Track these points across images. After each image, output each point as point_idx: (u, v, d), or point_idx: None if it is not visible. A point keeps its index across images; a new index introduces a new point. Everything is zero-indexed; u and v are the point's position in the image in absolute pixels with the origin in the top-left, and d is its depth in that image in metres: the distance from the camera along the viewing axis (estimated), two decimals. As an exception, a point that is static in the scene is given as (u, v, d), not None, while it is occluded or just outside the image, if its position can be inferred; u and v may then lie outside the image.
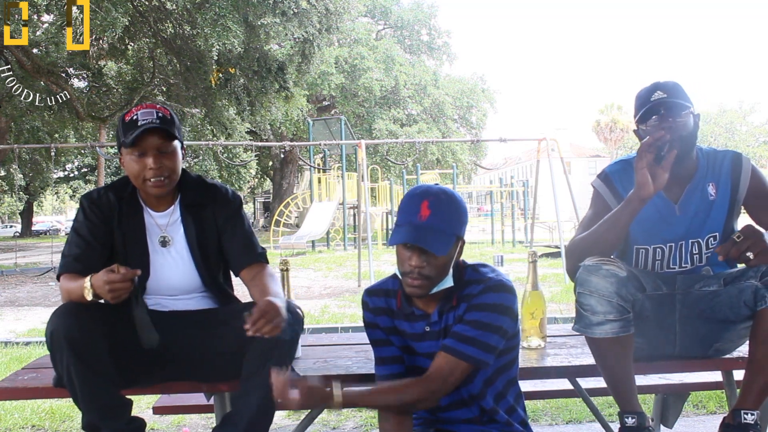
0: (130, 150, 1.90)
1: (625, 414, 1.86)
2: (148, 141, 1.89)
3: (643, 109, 1.99)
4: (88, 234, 1.93)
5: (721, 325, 1.96)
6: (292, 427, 2.83)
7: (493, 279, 1.63)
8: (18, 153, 15.03)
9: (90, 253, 1.92)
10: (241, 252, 2.01)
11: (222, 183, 2.14)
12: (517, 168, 60.25)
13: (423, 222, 1.56)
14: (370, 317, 1.77)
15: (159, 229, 2.00)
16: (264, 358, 1.77)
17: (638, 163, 1.85)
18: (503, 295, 1.61)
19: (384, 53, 28.52)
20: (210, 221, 2.02)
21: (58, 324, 1.71)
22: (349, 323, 6.04)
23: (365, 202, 9.80)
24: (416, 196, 1.60)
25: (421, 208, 1.57)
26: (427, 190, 1.61)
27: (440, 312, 1.67)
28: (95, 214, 1.95)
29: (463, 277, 1.67)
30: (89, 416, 1.76)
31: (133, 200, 2.00)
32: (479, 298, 1.62)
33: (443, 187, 1.63)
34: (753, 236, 1.69)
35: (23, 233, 38.41)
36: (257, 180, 41.01)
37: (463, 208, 1.62)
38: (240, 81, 14.79)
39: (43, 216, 55.66)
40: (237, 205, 2.06)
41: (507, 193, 24.01)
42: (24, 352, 4.81)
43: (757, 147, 51.40)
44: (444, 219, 1.58)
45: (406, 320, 1.72)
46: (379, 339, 1.76)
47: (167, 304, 2.00)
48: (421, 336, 1.70)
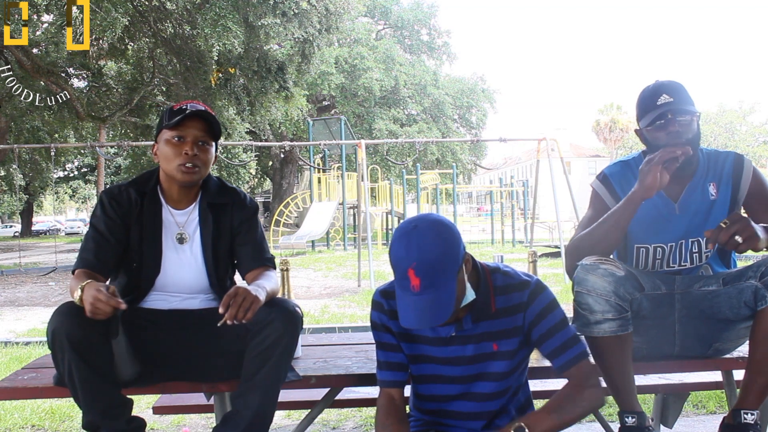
0: (172, 133, 1.94)
1: (625, 414, 1.86)
2: (190, 127, 1.95)
3: (649, 112, 1.99)
4: (105, 229, 1.95)
5: (721, 324, 1.96)
6: (292, 427, 2.84)
7: (533, 282, 1.66)
8: (18, 153, 15.03)
9: (106, 249, 1.94)
10: (250, 257, 2.04)
11: (241, 189, 2.17)
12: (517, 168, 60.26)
13: (417, 293, 1.45)
14: (383, 319, 1.71)
15: (177, 226, 2.02)
16: (263, 358, 1.77)
17: (654, 166, 1.86)
18: (547, 293, 1.67)
19: (384, 53, 28.52)
20: (227, 223, 2.05)
21: (60, 323, 1.71)
22: (349, 323, 6.05)
23: (365, 202, 9.80)
24: (401, 259, 1.47)
25: (410, 278, 1.45)
26: (407, 245, 1.46)
27: (475, 318, 1.64)
28: (114, 209, 1.97)
29: (494, 283, 1.65)
30: (89, 415, 1.77)
31: (154, 196, 2.02)
32: (534, 307, 1.63)
33: (426, 229, 1.48)
34: (740, 221, 1.70)
35: (23, 233, 38.40)
36: (257, 180, 41.01)
37: (451, 240, 1.48)
38: (240, 81, 14.79)
39: (43, 216, 55.68)
40: (253, 210, 2.10)
41: (507, 193, 24.02)
42: (24, 352, 4.81)
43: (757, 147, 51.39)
44: (437, 279, 1.45)
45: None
46: (388, 343, 1.72)
47: (172, 301, 2.00)
48: (445, 340, 1.67)
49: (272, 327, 1.76)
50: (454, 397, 1.70)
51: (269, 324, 1.77)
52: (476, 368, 1.67)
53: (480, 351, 1.66)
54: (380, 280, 9.37)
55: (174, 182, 2.01)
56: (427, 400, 1.74)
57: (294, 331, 1.83)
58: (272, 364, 1.77)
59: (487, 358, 1.66)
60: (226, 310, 1.65)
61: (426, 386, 1.73)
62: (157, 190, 2.04)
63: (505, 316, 1.64)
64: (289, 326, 1.80)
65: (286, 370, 1.83)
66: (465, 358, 1.67)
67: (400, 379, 1.72)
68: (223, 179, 2.17)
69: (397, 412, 1.68)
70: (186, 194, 2.04)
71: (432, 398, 1.73)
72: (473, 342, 1.66)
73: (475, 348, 1.66)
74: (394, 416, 1.67)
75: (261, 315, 1.75)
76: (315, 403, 2.18)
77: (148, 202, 2.00)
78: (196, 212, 2.05)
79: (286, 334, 1.78)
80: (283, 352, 1.79)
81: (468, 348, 1.66)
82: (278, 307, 1.82)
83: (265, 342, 1.75)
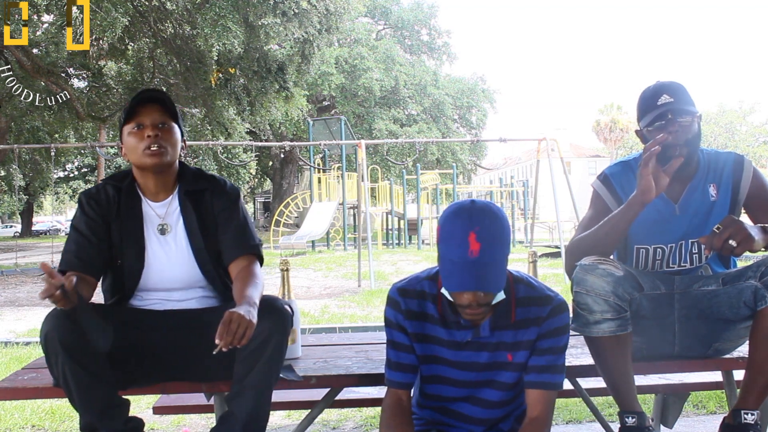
0: (130, 125, 1.92)
1: (625, 414, 1.86)
2: (145, 113, 1.92)
3: (649, 113, 1.99)
4: (87, 230, 1.93)
5: (721, 324, 1.96)
6: (292, 427, 2.84)
7: (556, 300, 1.63)
8: (18, 153, 15.03)
9: (88, 250, 1.92)
10: (231, 244, 1.97)
11: (221, 176, 2.13)
12: (517, 168, 60.24)
13: (476, 258, 1.42)
14: (399, 318, 1.68)
15: (158, 218, 1.99)
16: (253, 359, 1.75)
17: (643, 168, 1.85)
18: (566, 315, 1.65)
19: (384, 53, 28.53)
20: (209, 210, 2.00)
21: (52, 327, 1.70)
22: (349, 323, 6.04)
23: (365, 202, 9.80)
24: (459, 226, 1.45)
25: (470, 243, 1.43)
26: (470, 215, 1.46)
27: (493, 326, 1.62)
28: (93, 209, 1.95)
29: (517, 294, 1.63)
30: (86, 417, 1.76)
31: (131, 191, 2.00)
32: (549, 323, 1.62)
33: (483, 205, 1.49)
34: (733, 225, 1.70)
35: (23, 233, 38.43)
36: (257, 180, 41.03)
37: (507, 224, 1.50)
38: (240, 81, 14.80)
39: (43, 216, 55.68)
40: (234, 196, 2.04)
41: (507, 193, 24.03)
42: (24, 352, 4.81)
43: (757, 147, 51.35)
44: (496, 247, 1.45)
45: (444, 327, 1.66)
46: (401, 343, 1.69)
47: (167, 302, 1.98)
48: (459, 345, 1.65)
49: (260, 327, 1.73)
50: (459, 399, 1.70)
51: (257, 324, 1.73)
52: (487, 375, 1.67)
53: (494, 359, 1.65)
54: (380, 281, 9.37)
55: (147, 172, 1.96)
56: (432, 398, 1.74)
57: (283, 330, 1.80)
58: (263, 365, 1.75)
59: (500, 367, 1.65)
60: (222, 339, 1.60)
61: (433, 386, 1.72)
62: (134, 184, 2.01)
63: (523, 327, 1.63)
64: (278, 325, 1.78)
65: (278, 369, 1.81)
66: (479, 365, 1.66)
67: (409, 380, 1.70)
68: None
69: (404, 414, 1.67)
70: (163, 185, 2.00)
71: (437, 398, 1.73)
72: (489, 350, 1.64)
73: (490, 356, 1.65)
74: (400, 417, 1.66)
75: None
76: (315, 403, 2.17)
77: (126, 197, 1.98)
78: (176, 202, 2.01)
79: (275, 333, 1.76)
80: (274, 351, 1.76)
81: (482, 355, 1.65)
82: (266, 307, 1.79)
83: (253, 343, 1.72)
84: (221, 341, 1.60)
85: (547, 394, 1.62)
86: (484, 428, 1.70)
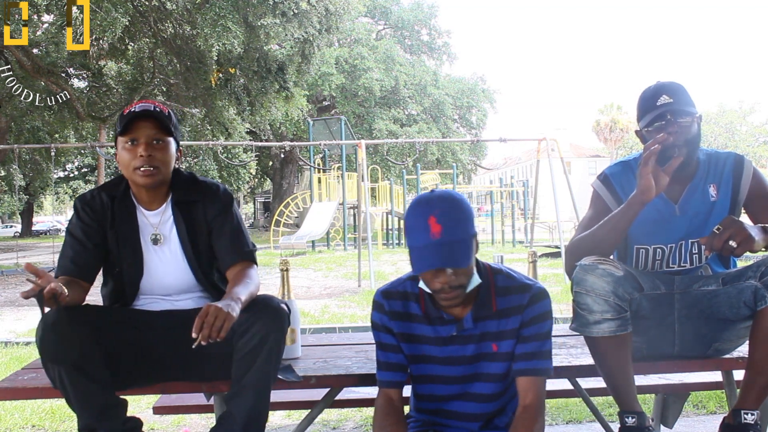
0: (124, 138, 1.91)
1: (625, 414, 1.86)
2: (140, 129, 1.90)
3: (648, 113, 1.99)
4: (82, 235, 1.94)
5: (721, 324, 1.96)
6: (292, 427, 2.84)
7: (535, 287, 1.66)
8: (18, 153, 15.02)
9: (84, 255, 1.93)
10: (227, 251, 1.99)
11: (215, 180, 2.12)
12: (517, 168, 60.23)
13: (438, 239, 1.49)
14: (384, 320, 1.72)
15: (152, 227, 2.00)
16: (250, 359, 1.75)
17: (643, 168, 1.85)
18: (547, 302, 1.67)
19: (384, 53, 28.53)
20: (201, 218, 2.01)
21: (47, 331, 1.70)
22: (349, 323, 6.04)
23: (365, 202, 9.80)
24: (420, 214, 1.53)
25: (431, 225, 1.50)
26: (428, 202, 1.54)
27: (475, 318, 1.65)
28: (88, 215, 1.96)
29: (496, 284, 1.67)
30: (84, 419, 1.76)
31: (126, 199, 2.00)
32: (531, 310, 1.64)
33: (441, 193, 1.57)
34: (733, 225, 1.70)
35: (23, 233, 38.44)
36: (257, 180, 41.02)
37: (467, 206, 1.57)
38: (240, 81, 14.81)
39: (43, 216, 55.67)
40: (227, 201, 2.03)
41: (507, 193, 24.04)
42: (24, 352, 4.81)
43: (757, 147, 51.32)
44: (457, 227, 1.52)
45: (429, 324, 1.69)
46: (389, 344, 1.72)
47: (164, 304, 1.99)
48: (445, 340, 1.68)
49: (256, 327, 1.74)
50: (452, 397, 1.71)
51: (253, 324, 1.75)
52: (475, 368, 1.68)
53: (480, 351, 1.67)
54: (380, 280, 9.36)
55: (139, 187, 1.97)
56: (426, 399, 1.75)
57: (280, 329, 1.80)
58: (260, 365, 1.75)
59: (487, 358, 1.67)
60: (199, 332, 1.60)
61: (425, 386, 1.73)
62: (129, 192, 2.01)
63: (505, 317, 1.65)
64: (274, 325, 1.78)
65: (275, 369, 1.81)
66: (465, 358, 1.68)
67: (399, 379, 1.72)
68: (223, 178, 2.14)
69: (395, 413, 1.69)
70: (155, 195, 2.00)
71: (431, 398, 1.74)
72: (474, 342, 1.66)
73: (476, 348, 1.67)
74: (392, 417, 1.67)
75: (244, 316, 1.74)
76: (315, 403, 2.17)
77: (121, 206, 1.98)
78: (169, 211, 2.01)
79: (272, 332, 1.76)
80: (270, 351, 1.76)
81: (468, 348, 1.67)
82: (261, 306, 1.79)
83: (250, 343, 1.73)
84: (197, 333, 1.60)
85: (537, 381, 1.64)
86: (480, 423, 1.71)
